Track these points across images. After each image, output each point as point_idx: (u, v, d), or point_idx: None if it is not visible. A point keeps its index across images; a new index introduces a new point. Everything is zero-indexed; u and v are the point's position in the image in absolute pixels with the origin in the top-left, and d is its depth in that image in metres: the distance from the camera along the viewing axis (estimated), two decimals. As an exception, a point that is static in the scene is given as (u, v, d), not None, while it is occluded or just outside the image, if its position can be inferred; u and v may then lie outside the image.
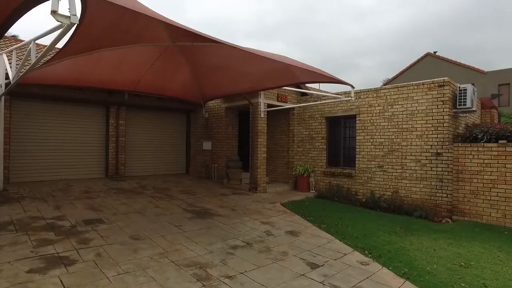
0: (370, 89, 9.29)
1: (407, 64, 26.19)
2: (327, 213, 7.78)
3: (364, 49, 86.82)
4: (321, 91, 13.90)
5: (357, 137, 9.54)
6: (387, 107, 8.87)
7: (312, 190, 10.33)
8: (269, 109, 9.95)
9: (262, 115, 9.84)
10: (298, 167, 10.46)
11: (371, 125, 9.21)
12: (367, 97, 9.35)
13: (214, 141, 11.43)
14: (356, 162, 9.53)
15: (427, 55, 25.54)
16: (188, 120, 12.60)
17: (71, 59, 6.23)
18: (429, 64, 24.52)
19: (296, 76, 7.17)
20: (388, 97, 8.86)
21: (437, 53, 25.15)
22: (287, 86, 8.60)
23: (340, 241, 5.53)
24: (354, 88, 7.24)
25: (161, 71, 8.57)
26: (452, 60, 24.30)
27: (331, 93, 10.13)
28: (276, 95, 10.42)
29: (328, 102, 9.92)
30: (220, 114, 11.21)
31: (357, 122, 9.55)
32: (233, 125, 11.29)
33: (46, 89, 8.55)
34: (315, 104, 10.34)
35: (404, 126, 8.51)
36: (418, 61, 25.55)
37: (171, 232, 5.38)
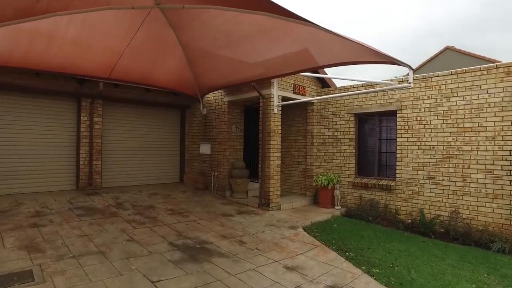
0: (417, 77, 7.15)
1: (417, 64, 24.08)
2: (369, 244, 5.65)
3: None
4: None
5: (397, 139, 7.41)
6: (441, 100, 6.74)
7: (337, 205, 8.19)
8: (284, 102, 7.82)
9: (275, 111, 7.70)
10: (320, 176, 8.32)
11: (418, 124, 7.08)
12: (411, 87, 7.21)
13: (214, 144, 9.28)
14: (397, 171, 7.40)
15: (447, 49, 23.44)
16: (183, 118, 10.45)
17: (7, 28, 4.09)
18: (449, 59, 22.40)
19: (329, 53, 5.05)
20: (443, 86, 6.72)
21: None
22: (310, 71, 6.50)
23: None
24: (413, 69, 5.10)
25: (143, 52, 6.42)
26: (475, 54, 22.20)
27: (362, 81, 7.97)
28: (292, 85, 8.28)
29: (366, 93, 7.77)
30: (221, 110, 9.07)
31: (397, 119, 7.42)
32: (238, 124, 9.14)
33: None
34: (344, 95, 8.18)
35: (466, 125, 6.38)
36: (436, 55, 23.44)
37: (143, 297, 3.23)
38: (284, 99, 8.03)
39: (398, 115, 7.42)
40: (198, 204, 7.64)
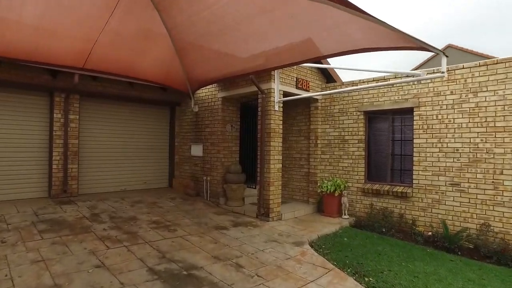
0: (438, 69, 6.26)
1: (415, 64, 23.37)
2: (389, 264, 4.77)
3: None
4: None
5: (414, 140, 6.54)
6: (466, 95, 5.88)
7: (345, 214, 7.30)
8: (285, 98, 6.89)
9: (276, 108, 6.77)
10: (326, 182, 7.41)
11: (439, 123, 6.22)
12: (431, 82, 6.36)
13: (206, 145, 8.32)
14: (414, 176, 6.52)
15: (449, 47, 22.76)
16: (172, 116, 9.47)
17: None
18: (452, 57, 21.68)
19: (342, 38, 4.16)
20: (469, 80, 5.87)
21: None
22: (318, 61, 5.59)
23: None
24: (447, 56, 4.21)
25: (122, 38, 5.47)
26: (477, 52, 21.55)
27: (374, 71, 7.09)
28: (295, 79, 7.36)
29: (380, 86, 6.91)
30: (215, 107, 8.11)
31: (414, 118, 6.55)
32: (233, 123, 8.20)
33: None
34: (356, 89, 7.30)
35: (498, 125, 5.52)
36: (435, 55, 22.72)
37: None
38: (285, 94, 7.11)
39: (415, 113, 6.55)
40: (188, 214, 6.67)
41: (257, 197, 6.89)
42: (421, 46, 3.84)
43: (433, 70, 6.21)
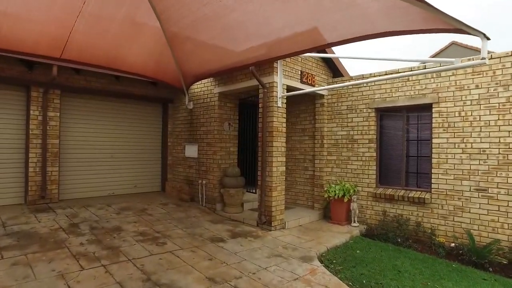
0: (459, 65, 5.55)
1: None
2: (412, 284, 4.09)
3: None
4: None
5: (433, 140, 5.86)
6: (495, 89, 5.21)
7: (354, 222, 6.61)
8: (289, 93, 6.19)
9: (279, 104, 6.06)
10: (333, 186, 6.72)
11: (462, 121, 5.54)
12: (452, 74, 5.68)
13: (202, 145, 7.60)
14: (433, 180, 5.84)
15: (453, 44, 22.14)
16: (165, 114, 8.74)
17: None
18: (455, 53, 21.09)
19: (360, 20, 3.49)
20: (499, 72, 5.19)
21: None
22: (327, 48, 4.89)
23: None
24: (489, 39, 3.51)
25: (104, 24, 4.77)
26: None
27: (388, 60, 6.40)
28: (299, 73, 6.66)
29: (401, 76, 6.26)
30: (211, 104, 7.39)
31: (433, 115, 5.88)
32: (231, 121, 7.49)
33: None
34: (369, 81, 6.66)
35: (533, 122, 4.86)
36: (442, 50, 22.13)
37: None
38: (288, 89, 6.41)
39: (434, 109, 5.87)
40: (181, 223, 5.95)
41: (258, 204, 6.19)
42: (457, 28, 3.17)
43: (471, 58, 5.52)
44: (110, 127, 7.71)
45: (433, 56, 23.11)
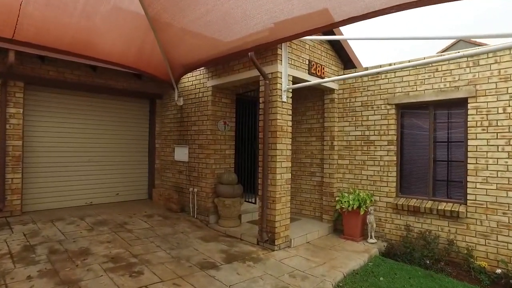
0: (503, 45, 4.52)
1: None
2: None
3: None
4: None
5: (469, 142, 4.88)
6: (550, 79, 4.22)
7: (371, 237, 5.62)
8: (296, 85, 5.18)
9: (284, 98, 5.05)
10: (346, 195, 5.73)
11: (507, 119, 4.56)
12: (494, 63, 4.70)
13: (193, 147, 6.58)
14: (469, 190, 4.85)
15: (460, 41, 21.25)
16: (152, 112, 7.71)
17: None
18: (462, 49, 20.15)
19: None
20: (555, 58, 4.21)
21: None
22: (340, 26, 3.87)
23: None
24: None
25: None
26: (490, 45, 19.96)
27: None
28: (307, 62, 5.66)
29: (435, 62, 5.27)
30: (203, 100, 6.37)
31: (469, 112, 4.89)
32: (227, 119, 6.47)
33: None
34: (391, 69, 5.67)
35: None
36: (449, 47, 21.24)
37: None
38: (294, 81, 5.40)
39: (470, 105, 4.88)
40: (165, 241, 4.93)
41: (259, 217, 5.17)
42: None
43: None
44: (88, 127, 6.69)
45: (452, 45, 22.22)
